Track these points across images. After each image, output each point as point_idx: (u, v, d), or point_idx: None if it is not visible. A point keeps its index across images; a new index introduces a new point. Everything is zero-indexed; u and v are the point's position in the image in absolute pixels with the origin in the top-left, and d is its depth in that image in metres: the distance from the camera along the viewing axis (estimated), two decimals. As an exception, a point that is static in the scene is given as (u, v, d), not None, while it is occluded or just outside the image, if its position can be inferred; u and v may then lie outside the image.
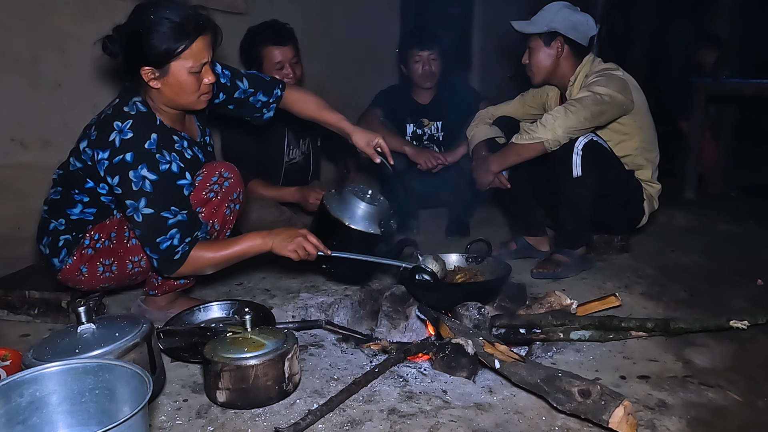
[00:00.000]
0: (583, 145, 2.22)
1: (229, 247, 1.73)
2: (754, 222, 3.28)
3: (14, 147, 2.31)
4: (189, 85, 1.66)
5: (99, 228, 1.82)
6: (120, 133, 1.61)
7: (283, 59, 2.60)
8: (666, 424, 1.34)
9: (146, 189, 1.61)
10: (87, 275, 1.81)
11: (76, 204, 1.80)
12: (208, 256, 1.71)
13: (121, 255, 1.80)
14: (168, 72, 1.62)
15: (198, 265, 1.71)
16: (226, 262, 1.75)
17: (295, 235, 1.75)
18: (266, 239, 1.74)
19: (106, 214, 1.82)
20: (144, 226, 1.64)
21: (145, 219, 1.63)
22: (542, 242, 2.67)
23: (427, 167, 2.99)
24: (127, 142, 1.61)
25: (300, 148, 2.88)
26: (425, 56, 3.07)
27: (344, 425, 1.33)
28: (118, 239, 1.80)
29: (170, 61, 1.61)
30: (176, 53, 1.59)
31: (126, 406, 1.11)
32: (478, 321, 1.76)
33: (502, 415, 1.38)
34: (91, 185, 1.77)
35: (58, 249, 1.80)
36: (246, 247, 1.73)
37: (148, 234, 1.65)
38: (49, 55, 2.35)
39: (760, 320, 1.76)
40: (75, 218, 1.81)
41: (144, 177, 1.61)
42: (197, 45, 1.62)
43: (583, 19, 2.36)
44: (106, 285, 1.86)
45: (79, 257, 1.80)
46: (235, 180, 1.83)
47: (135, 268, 1.82)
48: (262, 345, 1.42)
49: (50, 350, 1.27)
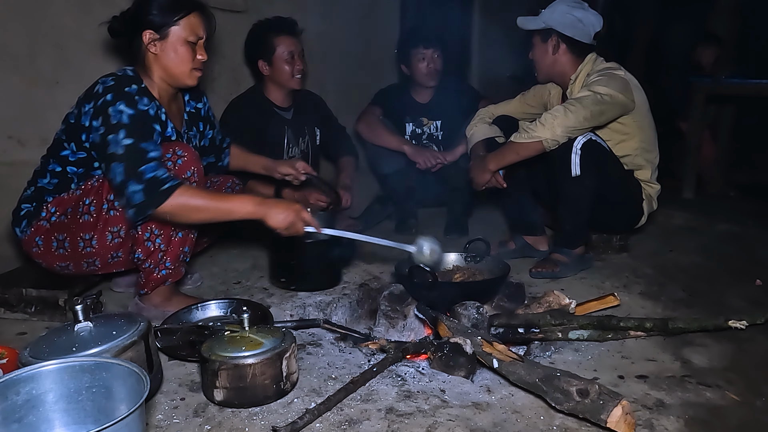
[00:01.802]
0: (582, 145, 2.22)
1: (219, 199, 1.73)
2: (753, 222, 3.29)
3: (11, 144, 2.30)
4: (184, 54, 1.80)
5: (57, 201, 1.83)
6: (102, 85, 1.73)
7: (295, 50, 2.65)
8: (664, 424, 1.34)
9: (124, 121, 1.66)
10: (42, 249, 1.83)
11: (46, 174, 1.85)
12: (195, 199, 1.65)
13: (74, 230, 1.80)
14: (167, 36, 1.78)
15: (182, 205, 1.63)
16: (213, 213, 1.68)
17: (289, 208, 1.72)
18: (259, 207, 1.70)
19: (65, 187, 1.84)
20: (125, 157, 1.63)
21: (126, 149, 1.64)
22: (541, 242, 2.67)
23: (426, 166, 2.99)
24: (108, 87, 1.71)
25: (299, 147, 2.87)
26: (430, 54, 3.06)
27: (342, 424, 1.32)
28: (73, 215, 1.80)
29: (170, 26, 1.77)
30: (175, 19, 1.77)
31: (123, 405, 1.11)
32: (476, 320, 1.75)
33: (500, 414, 1.38)
34: (66, 153, 1.81)
35: (20, 218, 1.85)
36: (236, 205, 1.71)
37: (131, 164, 1.63)
38: (47, 52, 2.34)
39: (759, 320, 1.76)
40: (40, 186, 1.85)
41: (121, 111, 1.67)
42: (194, 17, 1.80)
43: (584, 15, 2.32)
44: (63, 264, 1.86)
45: (36, 229, 1.82)
46: (189, 159, 1.79)
47: (87, 247, 1.80)
48: (260, 344, 1.42)
49: (47, 348, 1.26)
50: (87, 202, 1.79)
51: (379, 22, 4.16)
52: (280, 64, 2.65)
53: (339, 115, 3.11)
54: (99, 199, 1.78)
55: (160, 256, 1.84)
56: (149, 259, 1.83)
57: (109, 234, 1.80)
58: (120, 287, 2.19)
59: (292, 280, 2.20)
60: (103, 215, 1.78)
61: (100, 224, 1.78)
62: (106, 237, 1.80)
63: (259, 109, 2.72)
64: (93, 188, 1.80)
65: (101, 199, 1.78)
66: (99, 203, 1.78)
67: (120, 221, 1.79)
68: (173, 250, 1.85)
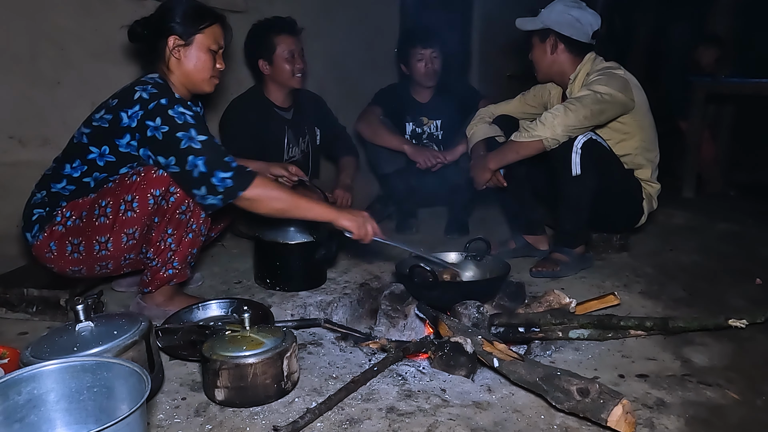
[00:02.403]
0: (582, 144, 2.22)
1: (296, 195, 1.82)
2: (753, 221, 3.29)
3: (13, 145, 2.30)
4: (206, 62, 1.86)
5: (72, 206, 1.81)
6: (144, 92, 1.73)
7: (295, 49, 2.66)
8: (664, 423, 1.34)
9: (190, 121, 1.70)
10: (56, 254, 1.81)
11: (62, 179, 1.83)
12: (278, 191, 1.78)
13: (89, 234, 1.78)
14: (192, 43, 1.83)
15: (268, 192, 1.74)
16: (293, 207, 1.79)
17: (360, 214, 1.90)
18: (333, 210, 1.86)
19: (83, 192, 1.82)
20: (206, 150, 1.69)
21: (204, 144, 1.69)
22: (541, 241, 2.67)
23: (426, 166, 2.98)
24: (154, 94, 1.72)
25: (300, 147, 2.88)
26: (428, 54, 3.06)
27: (343, 424, 1.33)
28: (88, 218, 1.79)
29: (195, 34, 1.83)
30: (201, 28, 1.83)
31: (124, 404, 1.11)
32: (477, 320, 1.76)
33: (500, 413, 1.38)
34: (93, 156, 1.79)
35: (32, 223, 1.83)
36: (313, 205, 1.84)
37: (214, 156, 1.69)
38: (49, 53, 2.34)
39: (759, 319, 1.76)
40: (54, 191, 1.83)
41: (183, 113, 1.71)
42: (217, 28, 1.87)
43: (581, 14, 2.32)
44: (76, 268, 1.84)
45: (50, 234, 1.80)
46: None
47: (102, 250, 1.80)
48: (261, 343, 1.42)
49: (48, 348, 1.26)
50: (103, 204, 1.77)
51: (380, 22, 4.16)
52: (281, 63, 2.65)
53: (339, 115, 3.11)
54: (116, 200, 1.76)
55: (169, 255, 1.85)
56: (158, 257, 1.84)
57: (125, 236, 1.78)
58: (121, 287, 2.19)
59: (276, 280, 2.21)
60: (120, 217, 1.76)
61: (117, 226, 1.77)
62: (122, 239, 1.79)
63: (259, 109, 2.72)
64: (109, 190, 1.78)
65: (118, 201, 1.76)
66: (116, 205, 1.76)
67: (136, 223, 1.78)
68: (182, 250, 1.86)
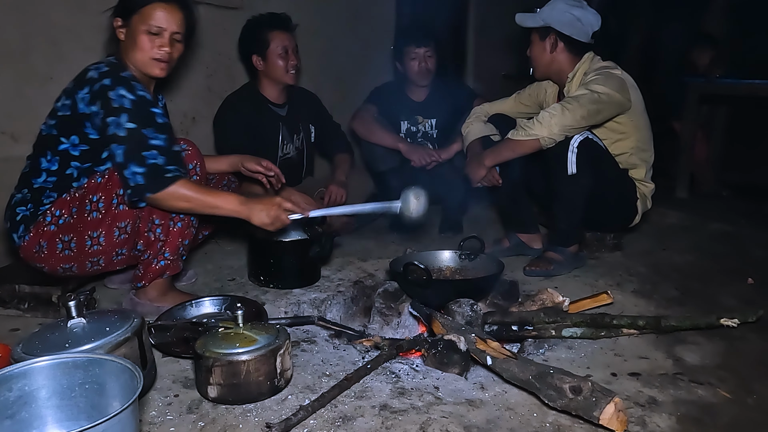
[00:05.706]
0: (578, 143, 2.22)
1: (209, 194, 1.75)
2: (745, 221, 3.31)
3: (5, 140, 2.28)
4: (142, 43, 1.80)
5: (60, 204, 1.80)
6: (95, 71, 1.74)
7: (289, 45, 2.65)
8: (656, 421, 1.34)
9: (126, 105, 1.68)
10: (46, 252, 1.80)
11: (41, 173, 1.82)
12: (189, 191, 1.71)
13: (80, 230, 1.78)
14: (129, 24, 1.80)
15: (177, 196, 1.70)
16: (201, 206, 1.74)
17: (270, 203, 1.76)
18: (243, 207, 1.75)
19: (67, 184, 1.81)
20: (129, 140, 1.67)
21: (129, 133, 1.67)
22: (535, 240, 2.68)
23: (420, 164, 2.99)
24: (103, 73, 1.72)
25: (294, 143, 2.87)
26: (421, 53, 3.06)
27: (336, 421, 1.33)
28: (79, 213, 1.78)
29: (132, 15, 1.79)
30: (137, 8, 1.78)
31: (116, 401, 1.11)
32: (470, 318, 1.76)
33: (493, 411, 1.38)
34: (65, 147, 1.78)
35: (16, 224, 1.81)
36: (223, 202, 1.75)
37: (133, 147, 1.66)
38: (41, 48, 2.33)
39: (750, 318, 1.77)
40: (36, 187, 1.81)
41: (122, 95, 1.69)
42: (156, 9, 1.78)
43: (583, 14, 2.32)
44: (67, 266, 1.83)
45: (40, 233, 1.79)
46: (193, 152, 1.87)
47: (94, 245, 1.79)
48: (254, 340, 1.42)
49: (40, 344, 1.26)
50: (95, 198, 1.77)
51: (375, 20, 4.15)
52: (274, 59, 2.64)
53: (334, 113, 3.11)
54: (107, 194, 1.77)
55: (160, 246, 1.85)
56: (149, 249, 1.84)
57: (117, 230, 1.79)
58: (113, 284, 2.19)
59: (270, 278, 2.21)
60: (112, 210, 1.77)
61: (109, 219, 1.77)
62: (114, 233, 1.79)
63: (254, 106, 2.71)
64: (99, 184, 1.78)
65: (110, 195, 1.76)
66: (108, 199, 1.77)
67: (128, 216, 1.79)
68: (172, 240, 1.86)
